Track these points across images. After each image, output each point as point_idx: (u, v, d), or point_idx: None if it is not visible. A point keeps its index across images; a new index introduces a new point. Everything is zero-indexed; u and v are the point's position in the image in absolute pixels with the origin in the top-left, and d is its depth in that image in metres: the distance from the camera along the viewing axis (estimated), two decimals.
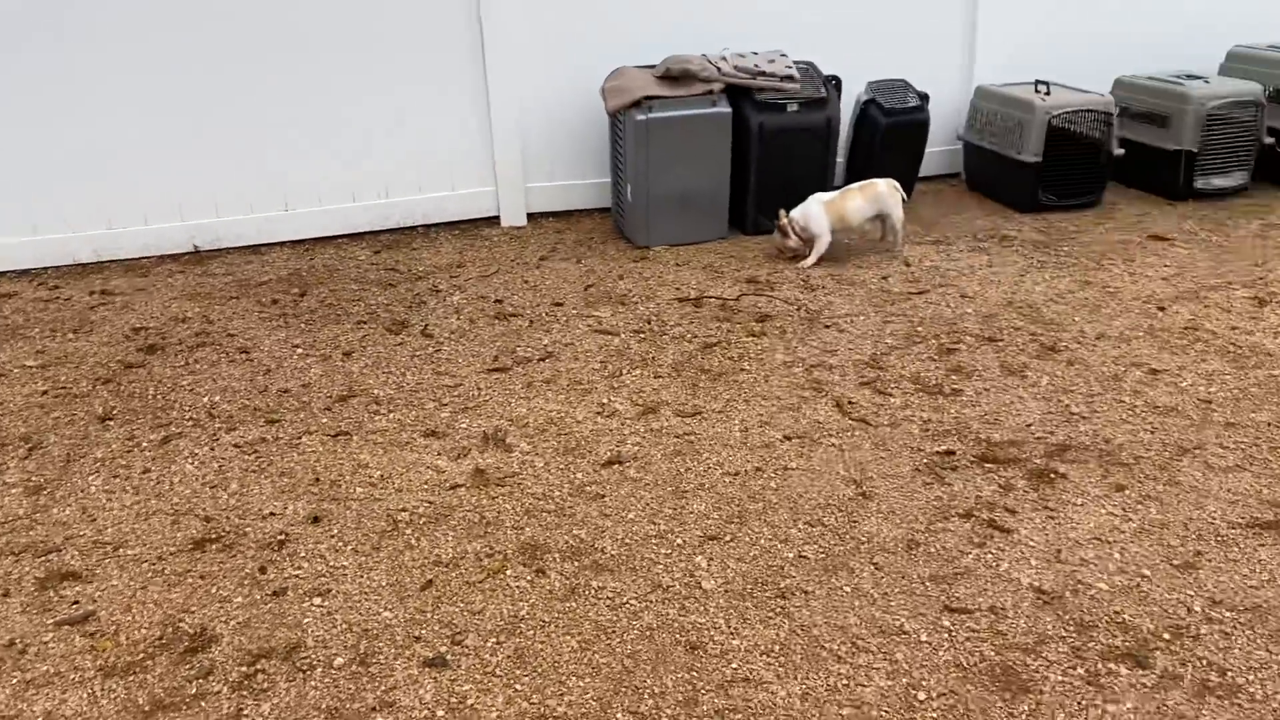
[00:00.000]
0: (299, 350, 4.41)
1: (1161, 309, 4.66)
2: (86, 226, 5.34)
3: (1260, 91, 5.97)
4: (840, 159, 6.04)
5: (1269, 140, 6.02)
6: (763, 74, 5.44)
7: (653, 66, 5.50)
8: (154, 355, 4.38)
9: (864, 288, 5.00)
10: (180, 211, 5.46)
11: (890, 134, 5.89)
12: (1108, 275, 5.07)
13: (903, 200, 5.35)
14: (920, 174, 6.29)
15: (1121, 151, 5.86)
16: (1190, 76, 6.08)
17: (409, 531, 3.17)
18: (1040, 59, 6.32)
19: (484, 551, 3.08)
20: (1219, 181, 6.06)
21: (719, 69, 5.42)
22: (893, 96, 5.93)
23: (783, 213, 5.24)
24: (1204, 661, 2.62)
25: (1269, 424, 3.69)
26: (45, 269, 5.33)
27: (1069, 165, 5.88)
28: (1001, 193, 6.17)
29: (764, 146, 5.47)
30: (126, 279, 5.21)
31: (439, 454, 3.61)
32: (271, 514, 3.27)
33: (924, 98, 5.97)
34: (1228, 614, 2.78)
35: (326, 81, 5.46)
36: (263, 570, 3.00)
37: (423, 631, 2.75)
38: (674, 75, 5.36)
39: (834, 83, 5.69)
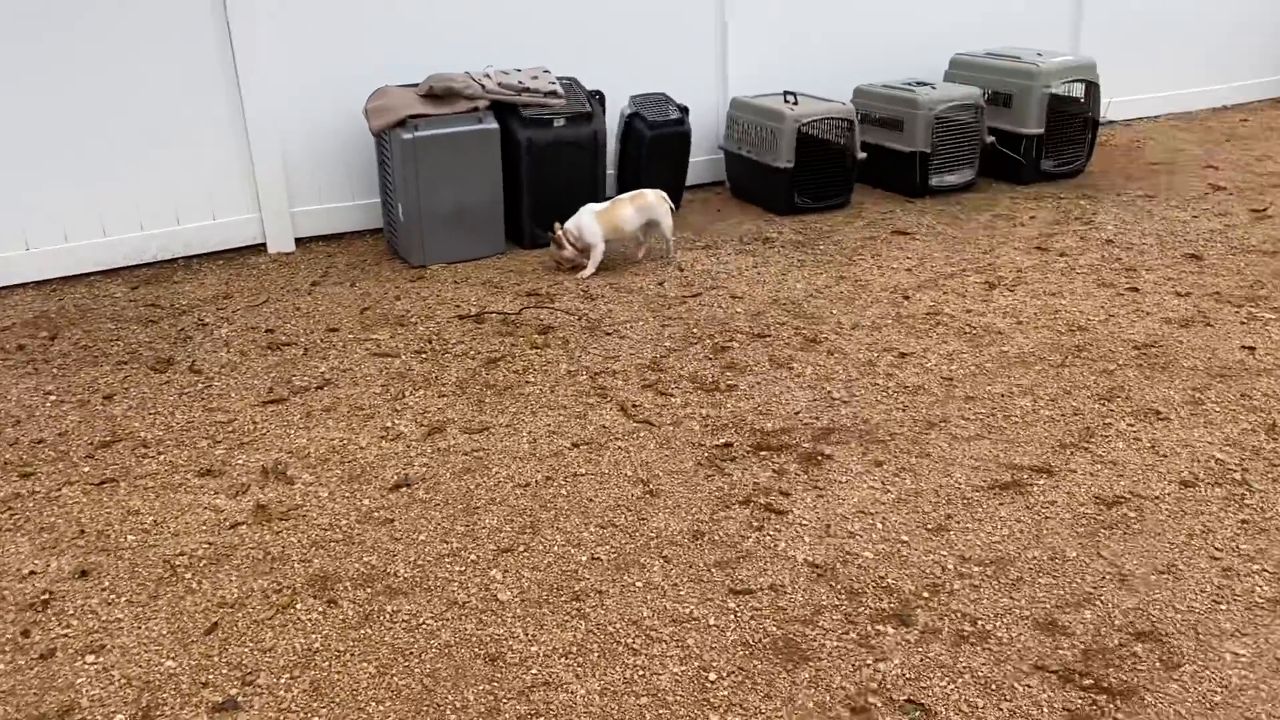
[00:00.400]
0: (52, 397, 4.12)
1: (906, 297, 5.08)
2: None
3: (979, 95, 6.60)
4: (610, 170, 6.22)
5: (990, 139, 6.66)
6: (527, 90, 5.53)
7: (416, 85, 5.48)
8: None
9: (641, 294, 5.18)
10: None
11: (655, 145, 6.12)
12: (859, 269, 5.47)
13: (671, 210, 5.57)
14: (687, 183, 6.56)
15: (864, 155, 6.33)
16: (920, 83, 6.63)
17: (188, 575, 3.04)
18: (788, 70, 6.73)
19: (271, 588, 3.00)
20: (950, 178, 6.64)
21: (483, 86, 5.46)
22: (655, 109, 6.16)
23: (557, 225, 5.35)
24: (958, 613, 2.90)
25: (1003, 395, 4.10)
26: None
27: (819, 169, 6.30)
28: (761, 198, 6.53)
29: (534, 161, 5.56)
30: None
31: (216, 493, 3.47)
32: (32, 573, 3.05)
33: (684, 110, 6.24)
34: (976, 569, 3.08)
35: (69, 109, 5.12)
36: (26, 634, 2.81)
37: (210, 676, 2.65)
38: (438, 93, 5.36)
39: (598, 97, 5.86)
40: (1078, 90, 6.84)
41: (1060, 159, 6.88)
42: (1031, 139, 6.70)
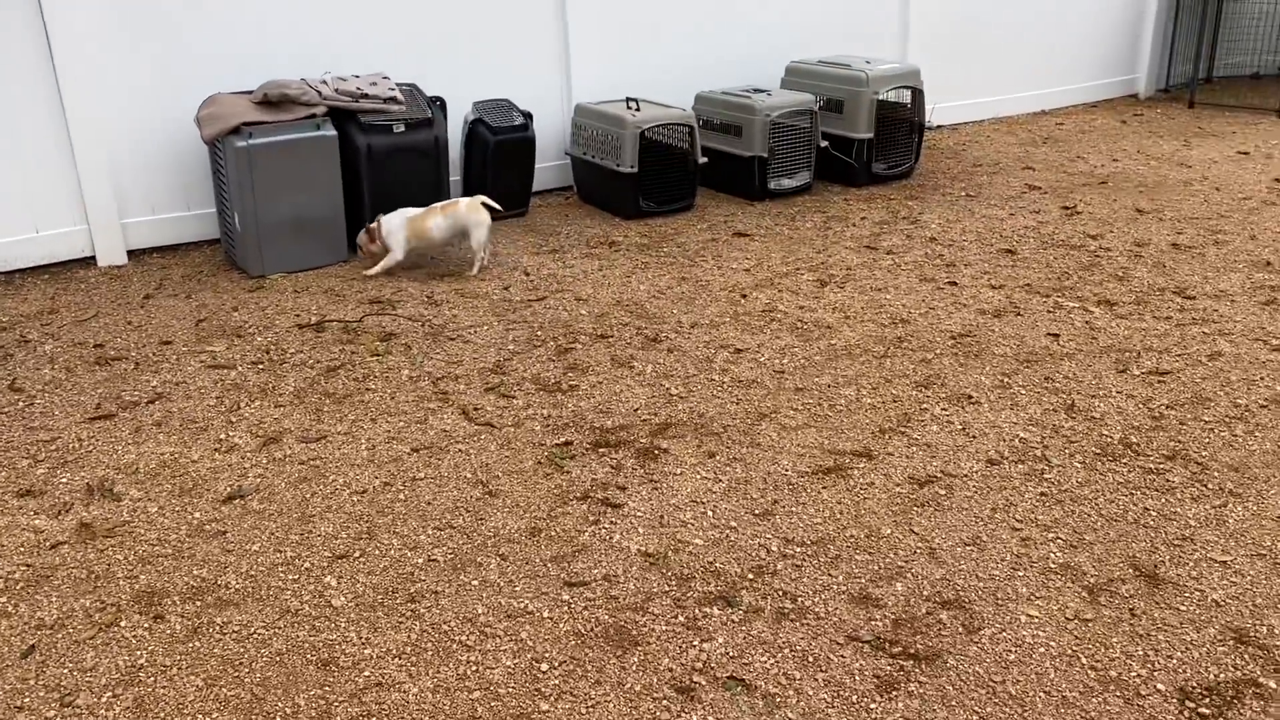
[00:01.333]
0: None
1: (744, 296, 5.27)
2: None
3: (813, 101, 6.88)
4: (456, 177, 6.23)
5: (824, 143, 6.95)
6: (366, 96, 5.51)
7: (250, 92, 5.39)
8: None
9: (487, 299, 5.21)
10: None
11: (499, 151, 6.17)
12: (700, 270, 5.64)
13: (487, 221, 5.44)
14: (535, 188, 6.63)
15: (705, 160, 6.52)
16: (757, 90, 6.87)
17: (3, 599, 2.94)
18: (631, 77, 6.89)
19: (94, 606, 2.93)
20: (787, 182, 6.90)
21: (320, 92, 5.41)
22: (499, 115, 6.21)
23: (380, 217, 5.40)
24: (780, 592, 3.05)
25: (829, 385, 4.31)
26: None
27: (662, 174, 6.46)
28: (608, 202, 6.65)
29: (374, 168, 5.54)
30: None
31: (36, 513, 3.36)
32: None
33: (528, 116, 6.31)
34: (798, 549, 3.25)
35: None
36: None
37: (26, 700, 2.58)
38: (273, 100, 5.28)
39: (439, 103, 5.87)
40: (905, 96, 7.20)
41: (890, 162, 7.23)
42: (862, 143, 7.02)
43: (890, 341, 4.71)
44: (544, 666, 2.74)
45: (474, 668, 2.74)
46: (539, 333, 4.82)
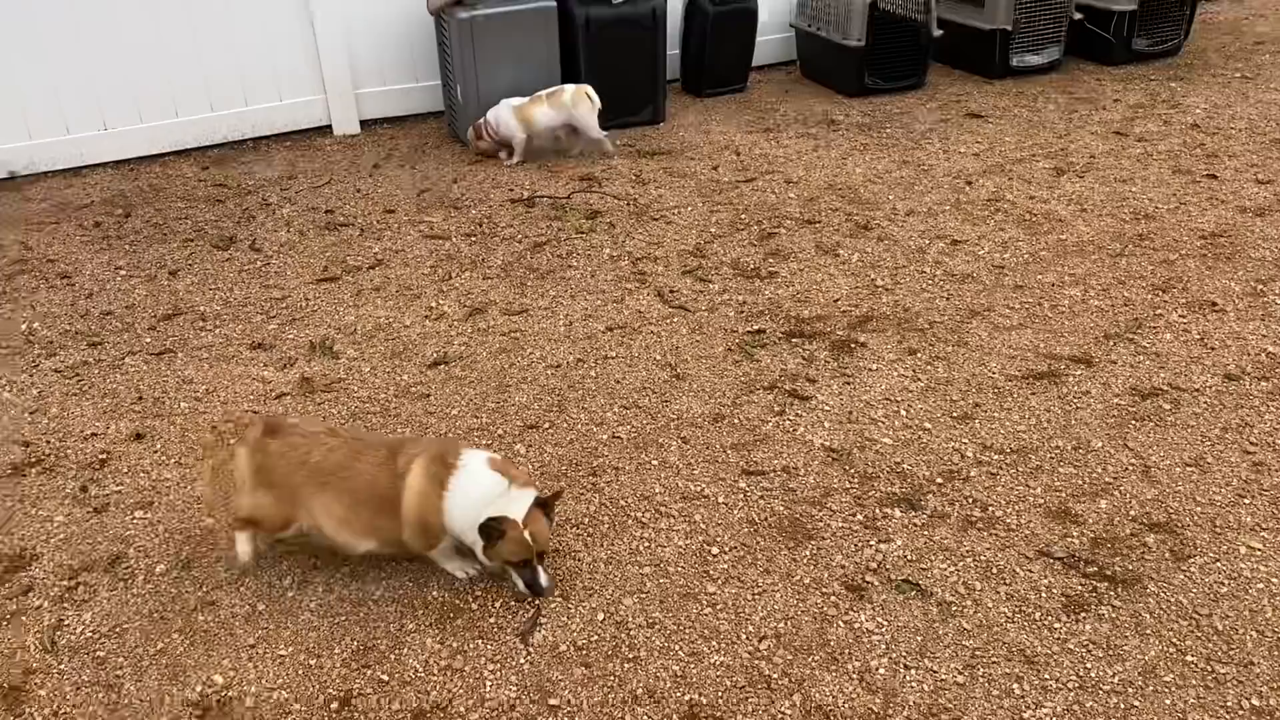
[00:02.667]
0: (122, 272, 4.34)
1: (969, 183, 4.92)
2: None
3: None
4: (673, 51, 6.10)
5: (1078, 16, 6.29)
6: None
7: None
8: None
9: (694, 179, 5.13)
10: None
11: (719, 23, 5.97)
12: (924, 153, 5.30)
13: (596, 107, 5.21)
14: (755, 63, 6.40)
15: (940, 32, 6.06)
16: None
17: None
18: None
19: None
20: (1032, 58, 6.33)
21: None
22: None
23: (486, 114, 5.27)
24: (970, 499, 2.90)
25: (1053, 284, 3.99)
26: None
27: (892, 48, 6.06)
28: (831, 78, 6.33)
29: (592, 40, 5.48)
30: None
31: (265, 365, 3.65)
32: (93, 434, 3.28)
33: None
34: (995, 457, 3.07)
35: None
36: (84, 489, 3.04)
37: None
38: None
39: None
40: None
41: (1155, 38, 6.48)
42: (1123, 16, 6.30)
43: (1130, 239, 4.29)
44: (714, 550, 2.75)
45: (646, 544, 2.78)
46: (743, 216, 4.70)
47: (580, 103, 5.20)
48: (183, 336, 3.84)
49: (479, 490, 2.47)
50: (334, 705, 2.34)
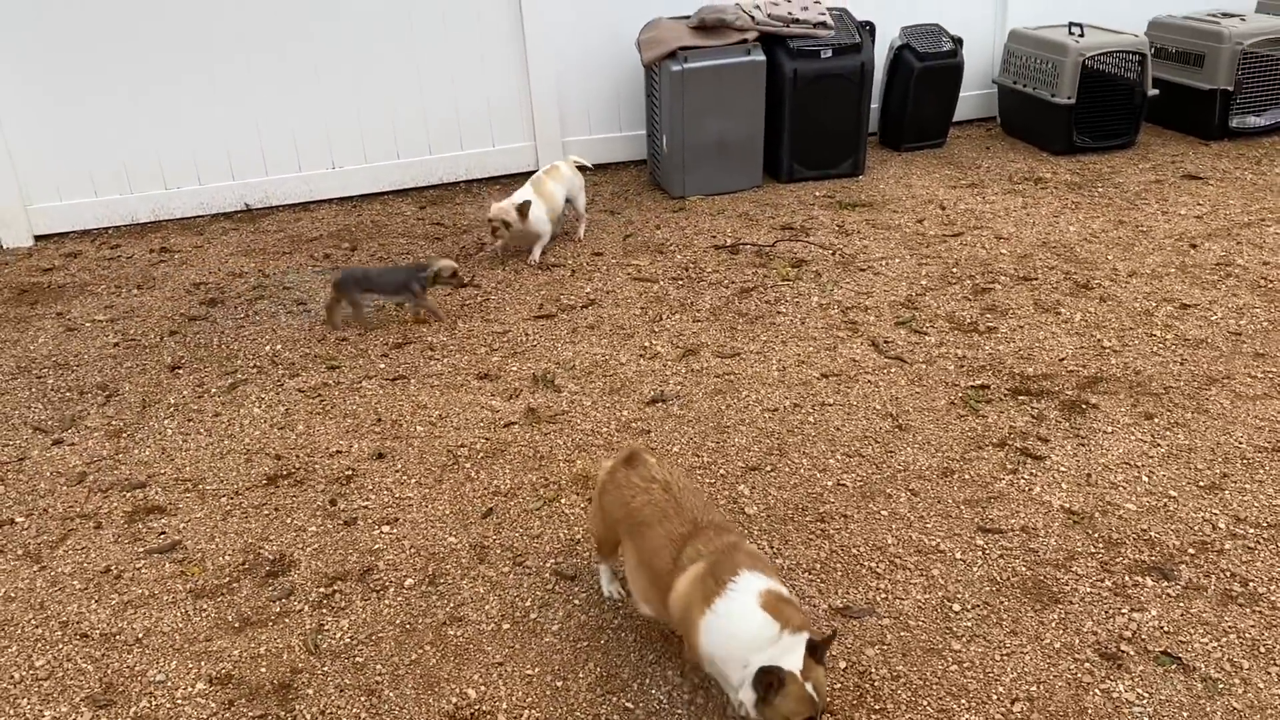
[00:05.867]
0: None
1: (1194, 246, 4.72)
2: (145, 187, 5.55)
3: None
4: (875, 104, 6.11)
5: None
6: (796, 21, 5.51)
7: (687, 17, 5.58)
8: (215, 308, 4.58)
9: (899, 231, 5.09)
10: (232, 171, 5.65)
11: (924, 78, 5.95)
12: (1141, 215, 5.12)
13: (582, 180, 5.09)
14: (955, 118, 6.34)
15: (1155, 92, 5.87)
16: (1226, 15, 6.05)
17: (468, 465, 3.36)
18: (1074, 2, 6.32)
19: (540, 482, 3.26)
20: (1255, 120, 6.06)
21: (753, 17, 5.49)
22: (926, 41, 5.97)
23: (499, 215, 4.75)
24: (1228, 573, 2.75)
25: None
26: (106, 229, 5.54)
27: (1103, 106, 5.91)
28: (1036, 135, 6.21)
29: (798, 93, 5.55)
30: (183, 237, 5.42)
31: (492, 395, 3.79)
32: (338, 452, 3.47)
33: (958, 42, 6.01)
34: (1251, 530, 2.90)
35: (366, 48, 5.60)
36: (333, 502, 3.20)
37: (487, 554, 2.94)
38: (708, 25, 5.44)
39: (868, 28, 5.74)
40: None
41: None
42: None
43: None
44: (955, 606, 2.68)
45: (883, 595, 2.74)
46: (954, 269, 4.64)
47: (577, 173, 5.14)
48: (414, 364, 4.03)
49: (745, 628, 2.15)
50: None
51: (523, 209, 4.75)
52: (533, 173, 5.14)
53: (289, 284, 4.80)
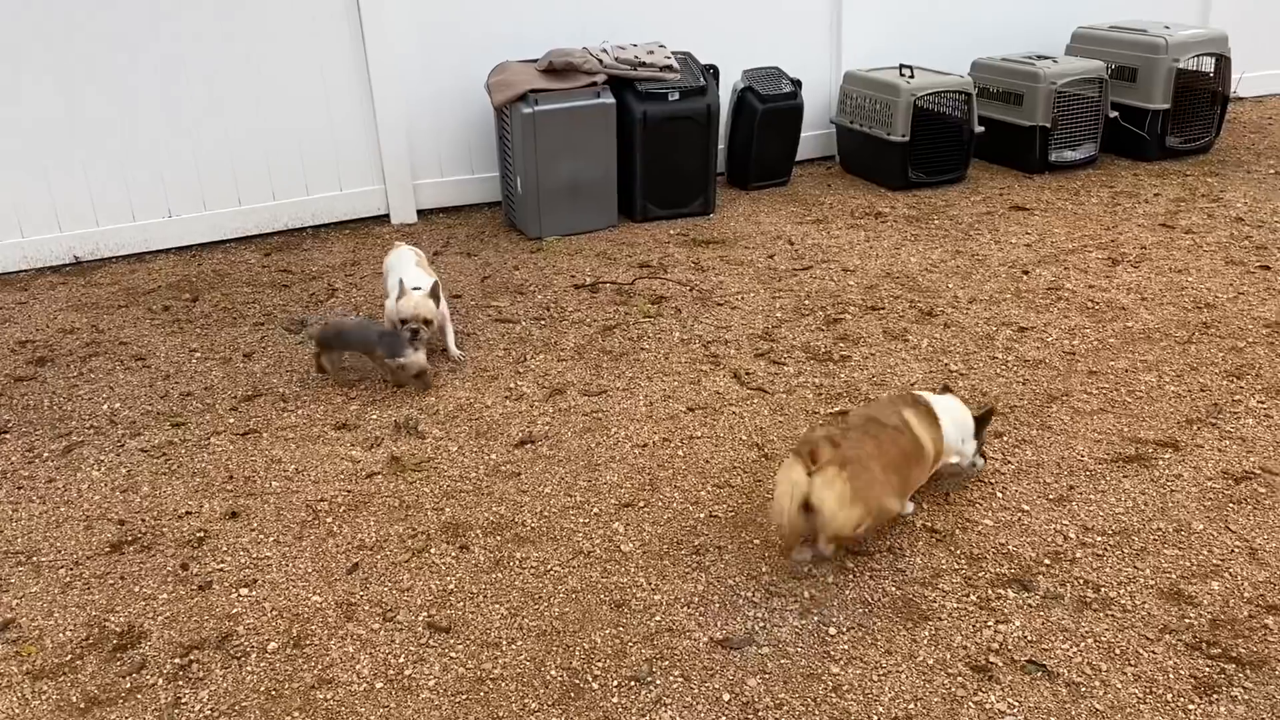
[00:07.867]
0: (197, 355, 4.37)
1: (1026, 272, 5.01)
2: None
3: (1103, 69, 6.42)
4: (721, 145, 6.26)
5: (1112, 114, 6.48)
6: (643, 64, 5.61)
7: (536, 60, 5.61)
8: (44, 367, 4.28)
9: (752, 266, 5.21)
10: (58, 222, 5.32)
11: (767, 119, 6.14)
12: (975, 244, 5.41)
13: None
14: (797, 158, 6.56)
15: (982, 129, 6.23)
16: (1040, 57, 6.49)
17: (329, 519, 3.22)
18: (902, 45, 6.67)
19: (407, 533, 3.15)
20: (1070, 154, 6.50)
21: (601, 61, 5.56)
22: (768, 84, 6.17)
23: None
24: (1081, 580, 2.89)
25: (1126, 370, 4.03)
26: None
27: (934, 143, 6.23)
28: (874, 172, 6.49)
29: (648, 135, 5.63)
30: (5, 293, 5.06)
31: (352, 445, 3.66)
32: (188, 513, 3.27)
33: (797, 84, 6.24)
34: (1099, 538, 3.06)
35: (206, 89, 5.39)
36: (185, 566, 3.01)
37: (354, 612, 2.82)
38: (557, 68, 5.47)
39: (712, 71, 5.90)
40: (1208, 64, 6.60)
41: (1186, 135, 6.67)
42: (1157, 114, 6.50)
43: (1195, 326, 4.35)
44: (831, 630, 2.72)
45: (761, 623, 2.75)
46: (806, 302, 4.77)
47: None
48: (266, 417, 3.85)
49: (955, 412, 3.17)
50: None
51: (435, 292, 4.07)
52: (385, 217, 5.00)
53: (125, 339, 4.53)
